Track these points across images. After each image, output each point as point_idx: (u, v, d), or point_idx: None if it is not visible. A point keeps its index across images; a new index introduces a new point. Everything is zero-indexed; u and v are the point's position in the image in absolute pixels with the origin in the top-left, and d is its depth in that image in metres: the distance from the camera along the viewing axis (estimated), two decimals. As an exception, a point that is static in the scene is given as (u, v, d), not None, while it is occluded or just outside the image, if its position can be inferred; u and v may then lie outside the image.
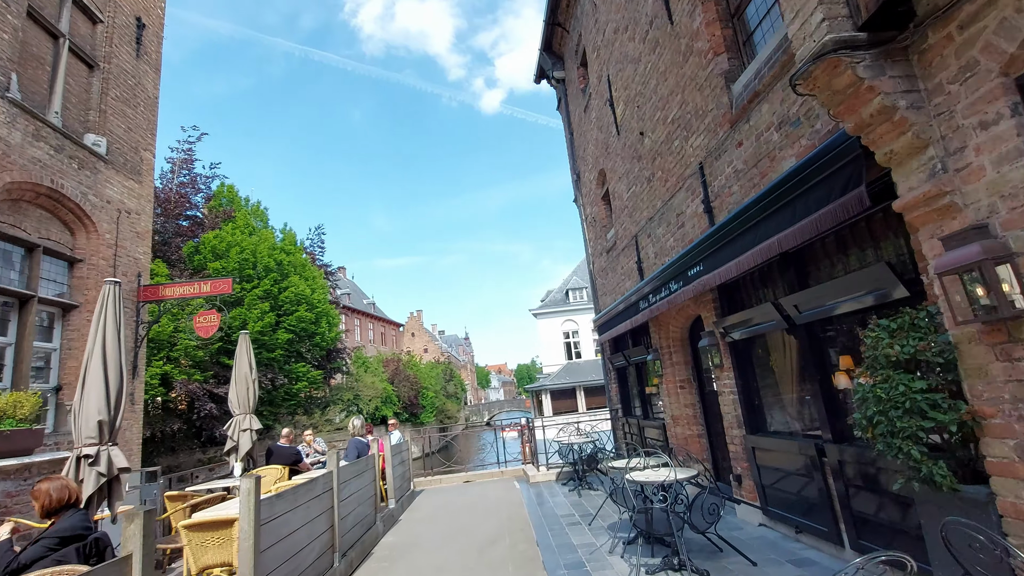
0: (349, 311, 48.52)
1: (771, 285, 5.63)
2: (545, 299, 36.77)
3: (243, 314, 29.15)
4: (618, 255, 10.04)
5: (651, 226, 8.23)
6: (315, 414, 32.52)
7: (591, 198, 11.62)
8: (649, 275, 8.19)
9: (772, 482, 5.69)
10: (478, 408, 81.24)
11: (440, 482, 11.38)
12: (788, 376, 5.56)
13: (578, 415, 30.29)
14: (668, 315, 8.04)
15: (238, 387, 8.36)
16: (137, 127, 11.75)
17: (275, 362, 31.09)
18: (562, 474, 10.30)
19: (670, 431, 8.29)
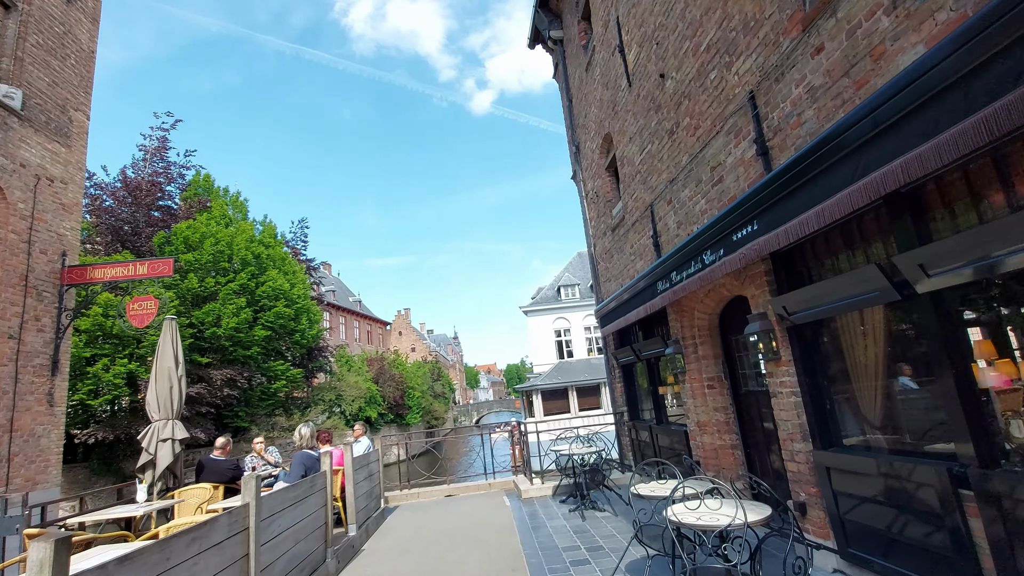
0: (334, 308, 46.58)
1: (863, 244, 4.03)
2: (536, 296, 35.17)
3: (217, 309, 27.18)
4: (626, 232, 8.44)
5: (672, 190, 6.63)
6: (295, 415, 30.60)
7: (593, 170, 10.01)
8: (669, 250, 6.59)
9: (858, 516, 4.11)
10: (467, 409, 79.42)
11: (418, 496, 9.70)
12: (885, 370, 3.97)
13: (570, 416, 28.70)
14: (694, 298, 6.45)
15: (158, 385, 6.58)
16: (65, 82, 9.93)
17: (252, 360, 29.13)
18: (559, 488, 8.67)
19: (694, 440, 6.69)
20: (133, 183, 29.06)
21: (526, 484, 9.07)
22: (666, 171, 6.82)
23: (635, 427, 9.16)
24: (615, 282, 9.24)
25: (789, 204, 4.13)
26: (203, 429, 26.55)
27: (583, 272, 36.26)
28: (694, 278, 5.59)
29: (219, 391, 26.83)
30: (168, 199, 30.38)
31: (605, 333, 9.48)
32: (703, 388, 6.53)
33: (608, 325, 9.06)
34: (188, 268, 27.34)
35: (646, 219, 7.57)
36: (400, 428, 38.83)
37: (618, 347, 9.59)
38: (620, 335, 9.59)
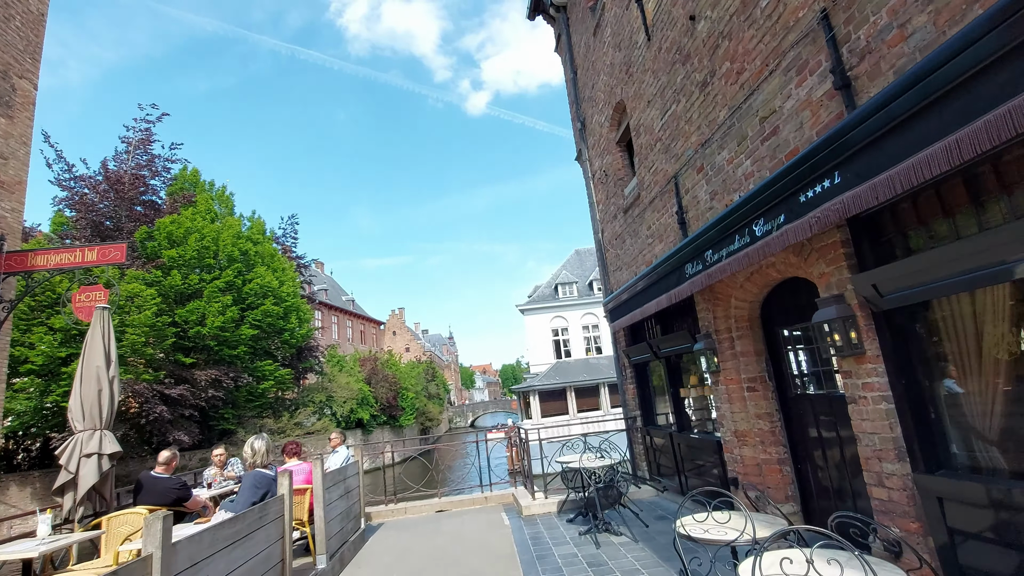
0: (326, 308, 45.30)
1: (999, 194, 2.94)
2: (533, 295, 34.05)
3: (202, 307, 25.89)
4: (642, 212, 7.33)
5: (705, 154, 5.52)
6: (283, 417, 29.35)
7: (601, 147, 8.90)
8: (701, 226, 5.48)
9: (987, 565, 3.01)
10: (462, 409, 78.22)
11: (405, 512, 8.54)
12: None
13: (570, 420, 27.59)
14: (732, 283, 5.33)
15: (84, 388, 5.35)
16: (8, 46, 8.73)
17: (238, 360, 27.83)
18: (566, 504, 7.54)
19: (730, 453, 5.58)
20: (114, 176, 27.73)
21: (527, 499, 7.92)
22: (696, 133, 5.71)
23: (649, 434, 8.03)
24: (627, 271, 8.12)
25: (890, 146, 3.02)
26: (187, 432, 25.27)
27: (581, 270, 35.18)
28: (739, 256, 4.47)
29: (203, 392, 25.56)
30: (153, 194, 29.10)
31: (616, 328, 8.36)
32: (741, 391, 5.41)
33: (619, 319, 7.94)
34: (172, 264, 26.05)
35: (668, 194, 6.45)
36: (393, 430, 37.60)
37: (630, 344, 8.48)
38: (633, 330, 8.47)
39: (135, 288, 23.98)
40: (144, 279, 25.04)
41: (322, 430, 30.81)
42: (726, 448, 5.64)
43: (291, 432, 29.03)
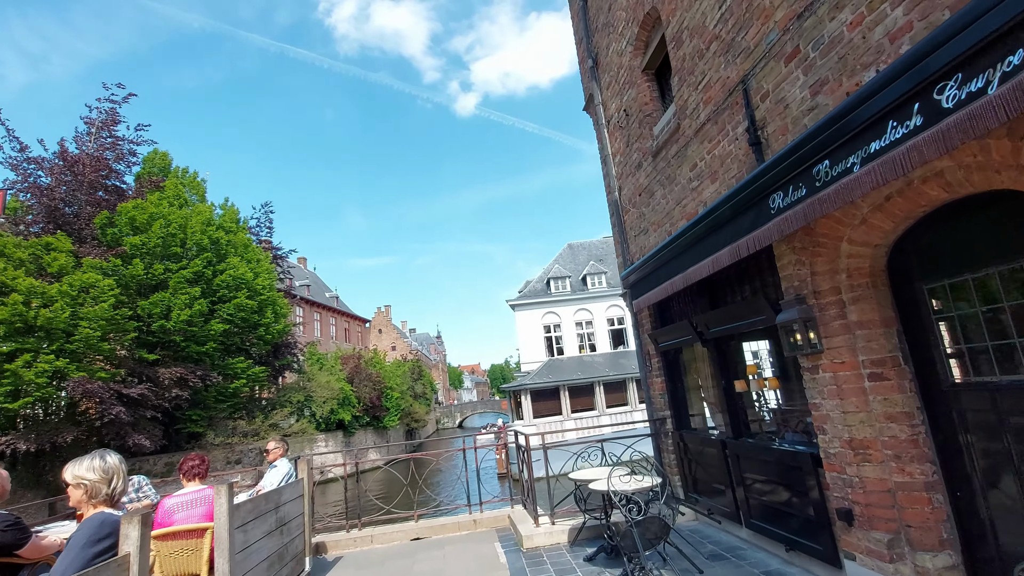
0: (308, 304, 43.05)
1: None
2: (524, 290, 32.18)
3: (167, 300, 23.62)
4: (682, 149, 5.49)
5: (801, 31, 3.67)
6: (257, 418, 27.15)
7: (621, 81, 7.05)
8: (797, 136, 3.62)
9: None
10: (450, 409, 76.11)
11: (372, 541, 6.59)
12: None
13: (562, 418, 25.75)
14: (848, 216, 3.47)
15: None
16: None
17: (207, 357, 25.54)
18: (582, 532, 5.67)
19: (839, 472, 3.72)
20: (73, 158, 25.34)
21: (529, 525, 6.03)
22: (783, 5, 3.87)
23: (684, 440, 6.18)
24: (656, 232, 6.27)
25: None
26: (148, 436, 22.96)
27: (574, 264, 33.41)
28: (890, 158, 2.65)
29: (167, 392, 23.30)
30: (117, 178, 26.77)
31: (640, 307, 6.48)
32: (859, 380, 3.57)
33: (644, 295, 6.08)
34: (134, 253, 23.74)
35: (731, 110, 4.60)
36: (377, 431, 35.50)
37: (658, 326, 6.62)
38: (661, 309, 6.62)
39: (91, 278, 21.68)
40: (102, 268, 22.75)
41: (300, 432, 28.70)
42: (829, 465, 3.79)
43: (265, 435, 26.84)
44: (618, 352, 30.04)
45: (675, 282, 5.27)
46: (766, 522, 4.63)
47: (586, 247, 35.06)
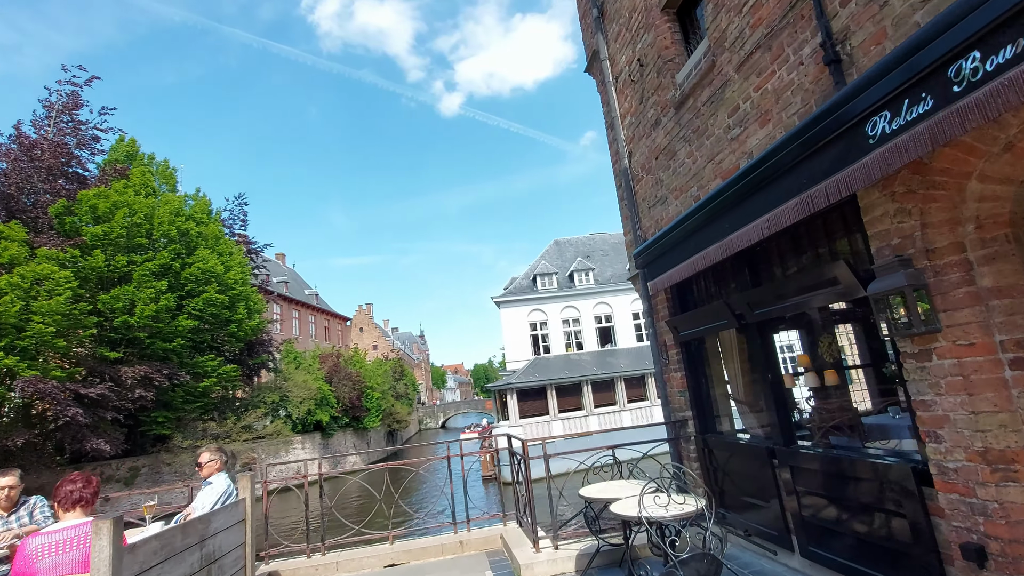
0: (286, 301, 41.42)
1: None
2: (509, 286, 31.13)
3: (130, 293, 22.02)
4: (718, 92, 4.48)
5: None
6: (229, 419, 25.63)
7: (635, 27, 6.02)
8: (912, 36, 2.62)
9: None
10: (433, 410, 74.71)
11: (337, 569, 5.46)
12: None
13: (549, 418, 24.75)
14: (973, 149, 2.53)
15: None
16: None
17: (174, 355, 23.96)
18: (595, 560, 4.62)
19: (963, 494, 2.74)
20: (30, 142, 23.57)
21: (527, 549, 4.96)
22: None
23: (709, 446, 5.18)
24: (677, 200, 5.27)
25: None
26: (108, 440, 21.29)
27: (561, 261, 32.46)
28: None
29: (130, 392, 21.70)
30: (80, 165, 25.03)
31: (657, 288, 5.45)
32: (997, 367, 2.59)
33: (662, 275, 5.07)
34: (94, 243, 22.09)
35: (791, 28, 3.61)
36: (357, 433, 34.10)
37: (678, 311, 5.61)
38: (681, 291, 5.61)
39: (45, 269, 20.02)
40: (58, 259, 21.08)
41: (275, 434, 27.23)
42: (946, 484, 2.80)
43: (237, 437, 25.37)
44: (605, 351, 29.17)
45: (708, 254, 4.26)
46: (833, 552, 3.63)
47: (573, 243, 34.14)
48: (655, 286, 5.38)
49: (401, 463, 5.95)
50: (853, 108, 2.79)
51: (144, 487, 24.27)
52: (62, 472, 22.96)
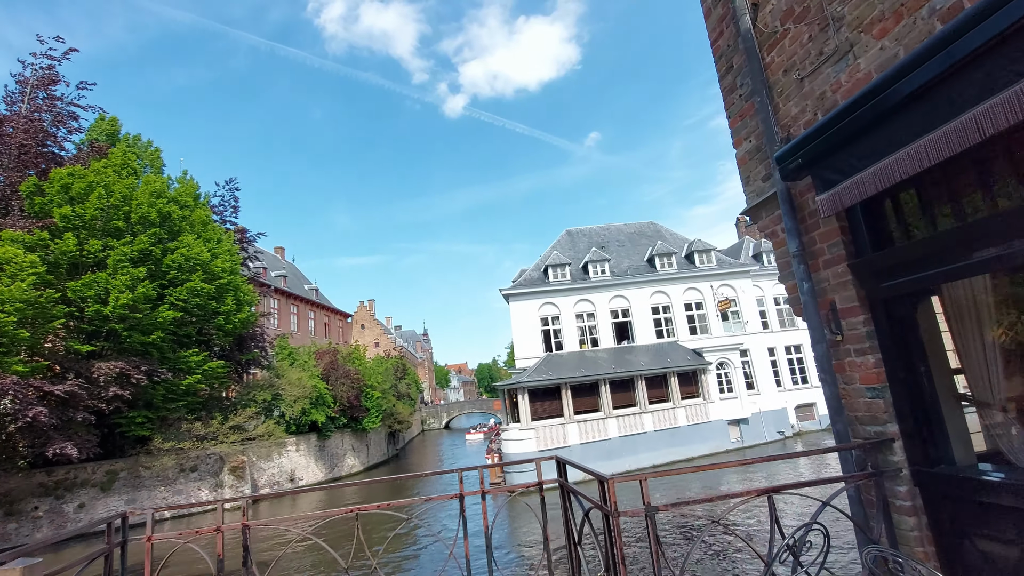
0: (284, 295, 39.10)
1: None
2: (518, 279, 28.70)
3: (103, 281, 19.71)
4: None
5: None
6: (215, 419, 23.23)
7: None
8: None
9: None
10: (436, 410, 72.30)
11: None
12: None
13: (563, 420, 22.28)
14: None
15: None
16: None
17: (154, 349, 21.61)
18: None
19: None
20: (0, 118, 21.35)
21: None
22: None
23: (938, 492, 2.78)
24: (879, 45, 2.88)
25: None
26: (78, 443, 18.87)
27: (573, 252, 30.02)
28: None
29: (103, 390, 19.35)
30: (55, 143, 22.74)
31: (840, 203, 3.04)
32: None
33: (861, 174, 2.70)
34: (65, 225, 19.80)
35: None
36: (355, 434, 31.71)
37: (864, 250, 3.20)
38: (874, 214, 3.19)
39: (7, 253, 17.70)
40: (24, 242, 18.77)
41: (267, 435, 24.82)
42: None
43: (224, 438, 22.97)
44: (622, 347, 26.71)
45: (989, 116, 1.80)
46: None
47: (586, 234, 31.69)
48: (836, 200, 2.95)
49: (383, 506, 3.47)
50: None
51: (123, 493, 21.93)
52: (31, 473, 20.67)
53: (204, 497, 23.00)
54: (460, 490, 3.61)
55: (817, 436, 27.88)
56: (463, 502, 3.64)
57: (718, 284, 28.08)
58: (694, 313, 27.89)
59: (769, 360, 28.27)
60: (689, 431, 24.03)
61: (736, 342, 26.80)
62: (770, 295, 30.37)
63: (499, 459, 23.91)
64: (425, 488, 24.89)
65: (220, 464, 23.53)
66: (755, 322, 28.13)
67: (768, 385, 27.45)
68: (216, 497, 22.99)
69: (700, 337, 27.31)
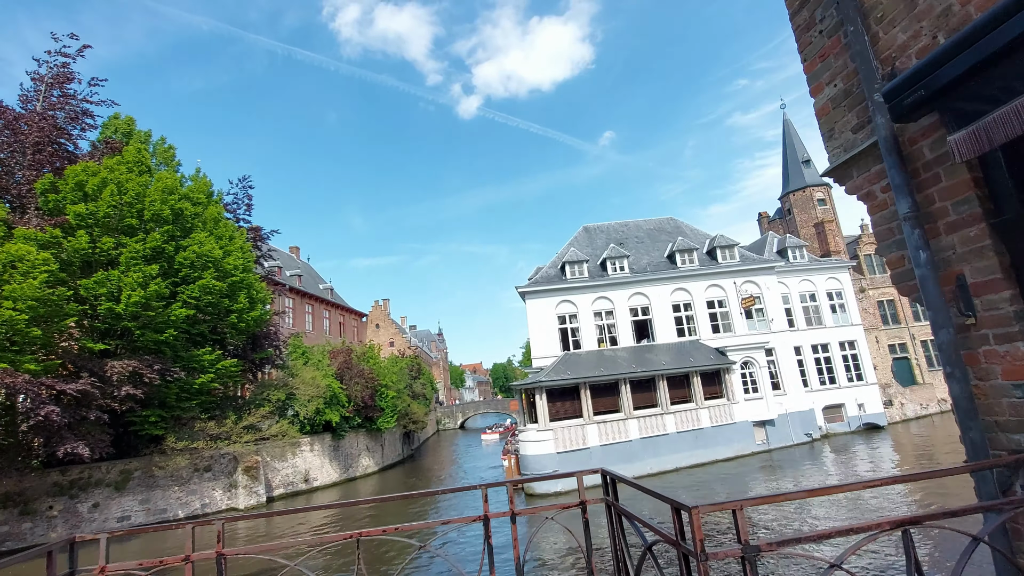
0: (299, 295, 38.90)
1: None
2: (535, 276, 28.02)
3: (116, 279, 19.50)
4: None
5: None
6: (229, 418, 22.92)
7: None
8: None
9: None
10: (451, 410, 71.87)
11: None
12: None
13: (583, 421, 21.53)
14: None
15: None
16: None
17: (167, 347, 21.36)
18: None
19: None
20: (14, 115, 21.28)
21: None
22: None
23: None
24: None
25: None
26: (91, 442, 18.65)
27: (591, 248, 29.25)
28: None
29: (117, 389, 19.10)
30: (69, 140, 22.64)
31: (977, 146, 2.34)
32: None
33: (1012, 102, 1.98)
34: (78, 223, 19.64)
35: None
36: (370, 434, 31.28)
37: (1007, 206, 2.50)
38: (1017, 158, 2.49)
39: (20, 250, 17.53)
40: (37, 239, 18.60)
41: (280, 435, 24.44)
42: None
43: (238, 438, 22.64)
44: (642, 346, 25.87)
45: None
46: None
47: (604, 230, 30.88)
48: (981, 138, 2.23)
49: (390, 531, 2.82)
50: None
51: (137, 493, 21.70)
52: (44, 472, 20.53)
53: (218, 497, 22.70)
54: (485, 511, 2.94)
55: (845, 439, 26.73)
56: (488, 525, 2.98)
57: (741, 281, 27.09)
58: (716, 311, 26.92)
59: (795, 359, 27.18)
60: (713, 432, 23.11)
61: (761, 341, 25.79)
62: (796, 292, 29.27)
63: (516, 460, 23.23)
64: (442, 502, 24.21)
65: (234, 464, 23.21)
66: (780, 320, 27.07)
67: (795, 385, 26.37)
68: (230, 498, 22.68)
69: (723, 336, 26.35)
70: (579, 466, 22.20)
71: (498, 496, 21.59)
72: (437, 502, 23.23)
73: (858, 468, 20.78)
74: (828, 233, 31.68)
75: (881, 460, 21.74)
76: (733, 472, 21.35)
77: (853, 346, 29.31)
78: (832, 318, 29.43)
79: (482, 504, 3.04)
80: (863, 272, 33.94)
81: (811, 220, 34.34)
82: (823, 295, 29.61)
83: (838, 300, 29.79)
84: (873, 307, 33.51)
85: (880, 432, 27.74)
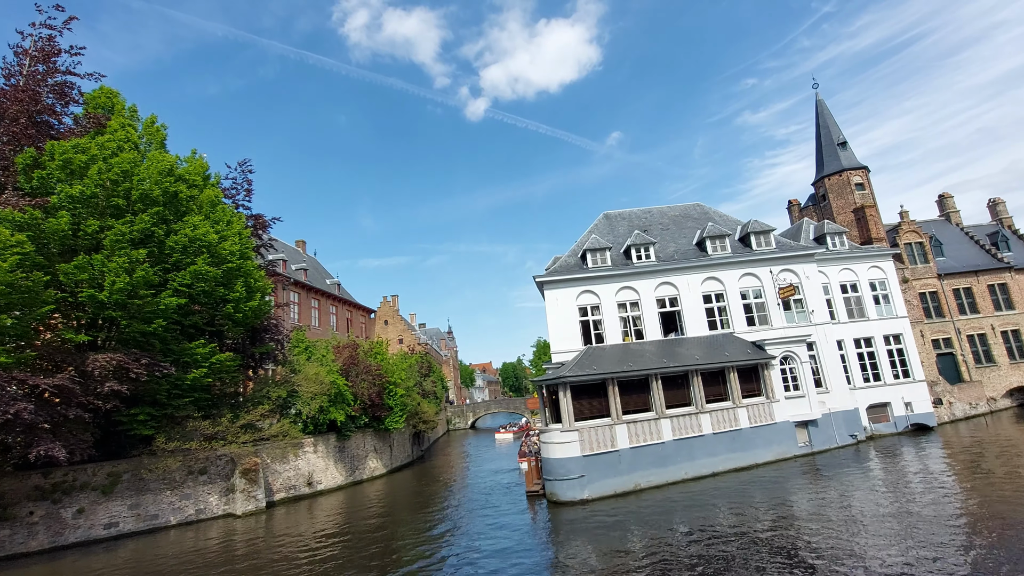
0: (305, 289, 37.14)
1: None
2: (554, 265, 25.98)
3: (98, 263, 17.74)
4: None
5: None
6: (224, 417, 21.06)
7: None
8: None
9: None
10: (462, 410, 69.92)
11: None
12: None
13: (611, 421, 19.43)
14: None
15: None
16: None
17: (156, 339, 19.53)
18: None
19: None
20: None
21: None
22: None
23: None
24: None
25: None
26: (70, 444, 16.83)
27: (613, 236, 27.17)
28: None
29: (100, 385, 17.33)
30: (53, 115, 20.93)
31: None
32: None
33: None
34: (61, 204, 17.92)
35: None
36: (378, 434, 29.38)
37: None
38: None
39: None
40: (13, 220, 16.89)
41: (280, 435, 22.56)
42: None
43: (235, 438, 20.77)
44: (671, 340, 23.74)
45: None
46: None
47: (626, 217, 28.76)
48: None
49: None
50: None
51: (126, 497, 19.89)
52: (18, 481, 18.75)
53: (214, 502, 20.84)
54: None
55: (892, 440, 24.39)
56: None
57: (779, 269, 24.86)
58: (751, 302, 24.72)
59: (838, 355, 24.88)
60: (751, 434, 20.92)
61: (802, 334, 23.55)
62: (836, 282, 26.96)
63: (536, 463, 21.18)
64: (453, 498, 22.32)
65: (231, 466, 21.37)
66: (821, 311, 24.80)
67: (838, 382, 24.08)
68: (227, 503, 20.83)
69: (759, 328, 24.14)
70: (607, 470, 20.14)
71: (513, 501, 19.69)
72: (451, 497, 21.41)
73: (908, 475, 18.49)
74: (869, 219, 29.31)
75: (935, 466, 19.42)
76: (774, 477, 19.18)
77: (899, 340, 26.94)
78: (875, 310, 27.09)
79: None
80: (904, 262, 31.51)
81: (849, 206, 31.93)
82: (865, 285, 27.26)
83: (881, 291, 27.43)
84: (916, 299, 31.08)
85: (929, 433, 25.37)
